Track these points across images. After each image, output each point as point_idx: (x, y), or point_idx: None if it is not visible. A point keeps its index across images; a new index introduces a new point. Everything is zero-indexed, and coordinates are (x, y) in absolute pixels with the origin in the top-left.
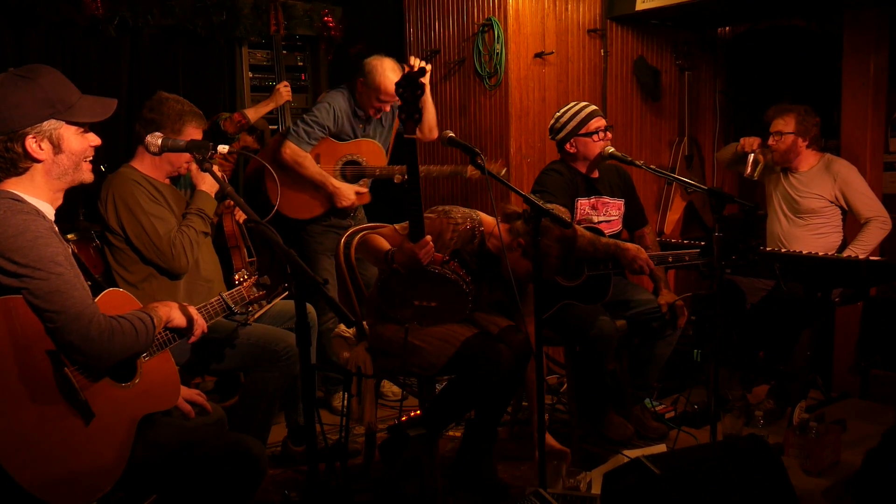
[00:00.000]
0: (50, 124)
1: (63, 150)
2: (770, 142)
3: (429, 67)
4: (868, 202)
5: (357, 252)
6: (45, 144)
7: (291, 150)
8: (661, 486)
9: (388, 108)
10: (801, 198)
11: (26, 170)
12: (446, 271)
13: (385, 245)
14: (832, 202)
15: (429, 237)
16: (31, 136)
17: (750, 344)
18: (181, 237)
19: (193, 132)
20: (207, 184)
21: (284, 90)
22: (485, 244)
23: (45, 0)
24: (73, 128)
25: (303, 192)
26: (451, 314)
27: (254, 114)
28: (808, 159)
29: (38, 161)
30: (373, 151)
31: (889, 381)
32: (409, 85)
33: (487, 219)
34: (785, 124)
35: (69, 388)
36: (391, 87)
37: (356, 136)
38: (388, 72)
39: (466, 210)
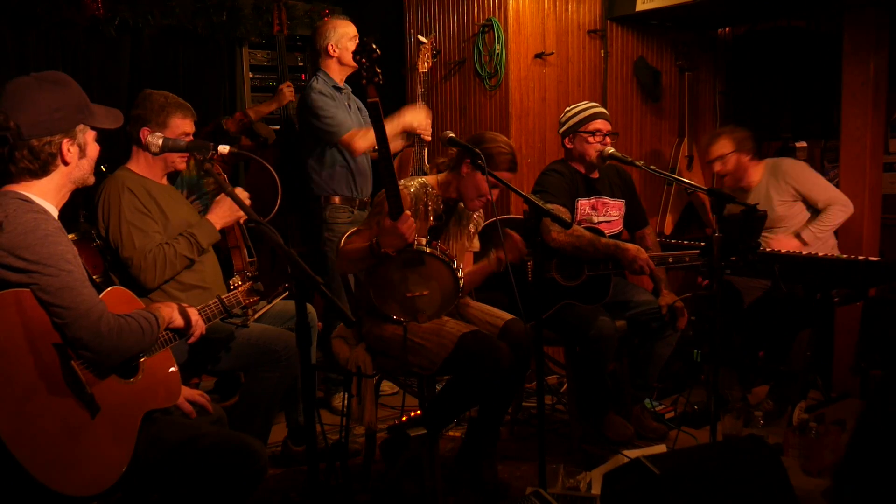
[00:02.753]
0: (79, 129)
1: (86, 155)
2: (716, 168)
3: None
4: (823, 190)
5: (340, 267)
6: (74, 148)
7: (350, 137)
8: (661, 486)
9: None
10: (768, 210)
11: (51, 171)
12: (429, 250)
13: (363, 243)
14: (793, 200)
15: (408, 212)
16: (66, 139)
17: (750, 344)
18: (158, 252)
19: (180, 123)
20: (219, 215)
21: (287, 91)
22: (440, 200)
23: (45, 0)
24: (93, 133)
25: (405, 164)
26: (443, 298)
27: (256, 113)
28: (755, 172)
29: (66, 164)
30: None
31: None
32: (365, 50)
33: (429, 178)
34: (722, 147)
35: (76, 381)
36: (353, 27)
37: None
38: (337, 20)
39: (408, 178)
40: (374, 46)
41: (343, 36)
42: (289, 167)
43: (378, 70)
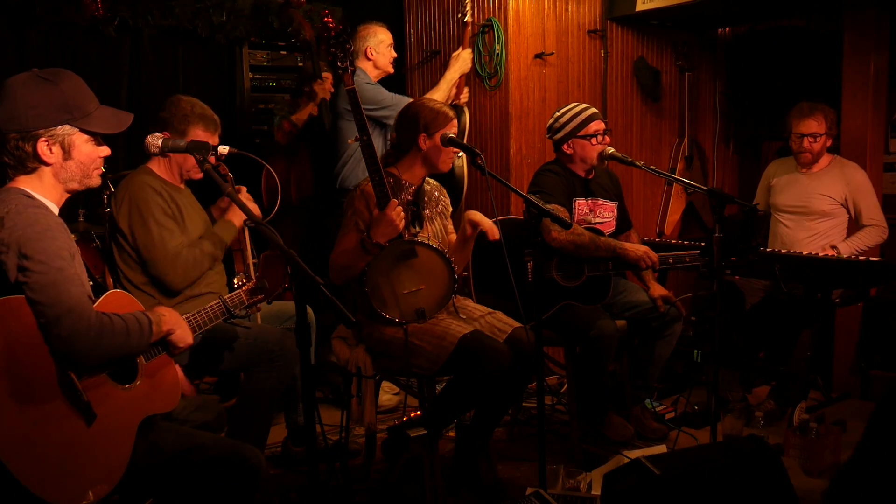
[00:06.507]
0: (63, 130)
1: (72, 157)
2: (804, 144)
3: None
4: (873, 208)
5: (335, 277)
6: (56, 149)
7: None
8: (661, 486)
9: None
10: (812, 199)
11: (34, 170)
12: (420, 238)
13: (351, 244)
14: (841, 204)
15: (395, 200)
16: (43, 138)
17: (750, 344)
18: (187, 254)
19: (200, 135)
20: (239, 216)
21: (319, 88)
22: (409, 187)
23: (45, 0)
24: (86, 136)
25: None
26: (440, 291)
27: (299, 118)
28: (822, 160)
29: (46, 164)
30: None
31: (889, 382)
32: (337, 44)
33: (391, 169)
34: (819, 125)
35: (72, 388)
36: (390, 36)
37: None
38: (377, 26)
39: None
40: (347, 38)
41: (381, 42)
42: (320, 164)
43: (352, 59)
